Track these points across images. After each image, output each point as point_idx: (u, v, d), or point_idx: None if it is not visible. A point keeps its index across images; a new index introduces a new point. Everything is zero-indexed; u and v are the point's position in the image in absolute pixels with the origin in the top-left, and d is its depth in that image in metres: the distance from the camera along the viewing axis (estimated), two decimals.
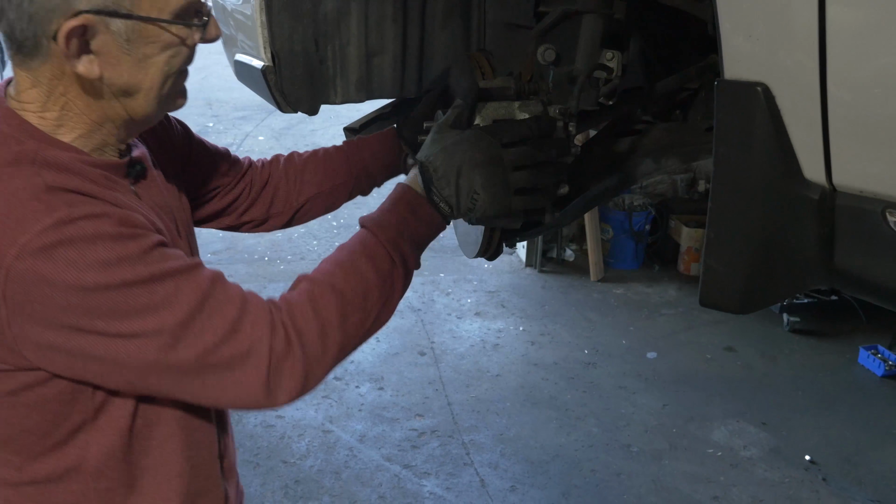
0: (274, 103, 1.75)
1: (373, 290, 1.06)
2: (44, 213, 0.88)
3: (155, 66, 0.98)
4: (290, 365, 0.98)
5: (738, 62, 0.84)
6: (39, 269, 0.87)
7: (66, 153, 0.97)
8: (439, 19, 1.80)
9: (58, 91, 0.97)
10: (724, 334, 4.22)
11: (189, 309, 0.93)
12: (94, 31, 0.92)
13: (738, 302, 0.90)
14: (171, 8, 0.96)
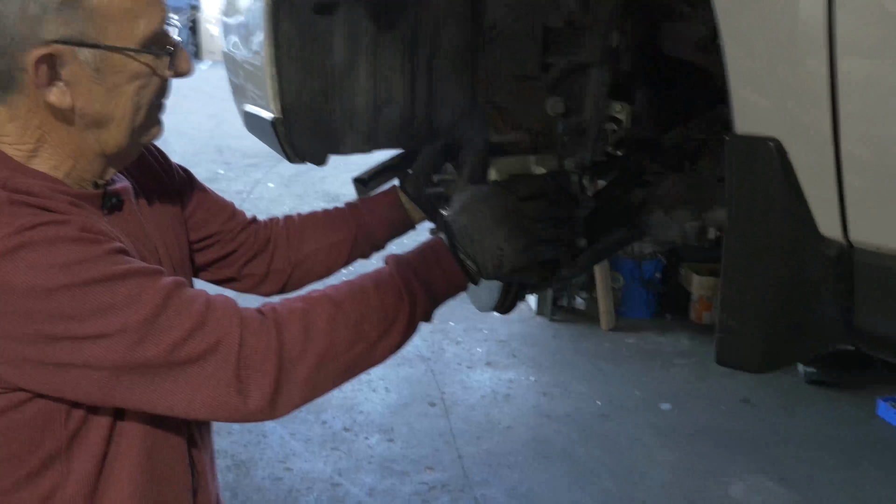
0: (283, 154, 1.76)
1: (372, 316, 1.03)
2: (4, 223, 0.89)
3: (125, 96, 0.99)
4: (263, 359, 0.96)
5: (749, 116, 0.83)
6: (2, 275, 0.87)
7: (38, 181, 0.98)
8: (447, 71, 1.81)
9: (33, 124, 0.99)
10: (740, 386, 4.14)
11: (153, 306, 0.93)
12: (63, 60, 0.94)
13: (756, 361, 0.87)
14: (138, 38, 0.97)
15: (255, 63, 1.76)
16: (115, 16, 0.95)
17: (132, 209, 1.13)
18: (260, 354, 0.96)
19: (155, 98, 1.04)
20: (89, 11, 0.93)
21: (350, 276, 1.11)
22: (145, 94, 1.01)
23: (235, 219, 1.40)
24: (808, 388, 4.14)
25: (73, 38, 0.93)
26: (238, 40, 1.95)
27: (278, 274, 1.43)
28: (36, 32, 0.92)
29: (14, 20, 0.91)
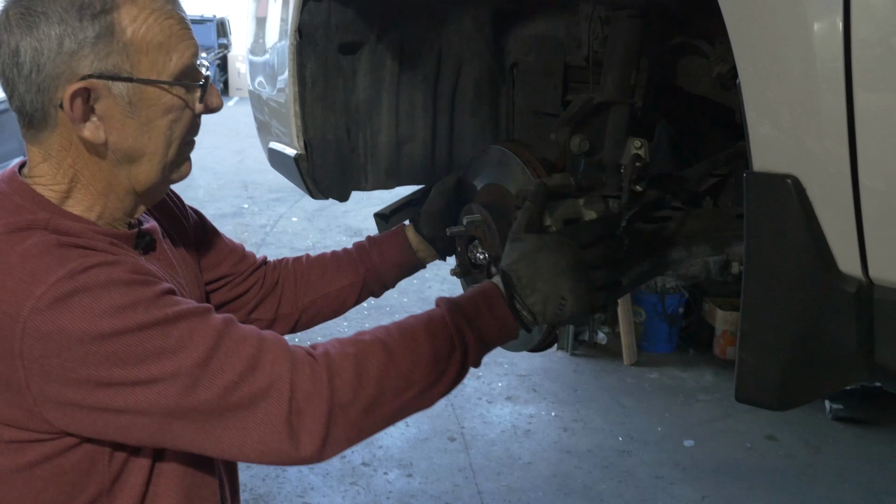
0: (306, 190, 1.79)
1: (423, 364, 1.02)
2: (57, 266, 0.89)
3: (158, 130, 1.00)
4: (315, 404, 0.95)
5: (767, 153, 0.84)
6: (56, 320, 0.87)
7: (76, 223, 0.99)
8: (468, 107, 1.84)
9: (66, 163, 0.99)
10: (765, 422, 4.08)
11: (205, 349, 0.92)
12: (98, 94, 0.95)
13: (776, 398, 0.87)
14: (170, 71, 0.98)
15: (280, 101, 1.80)
16: (148, 50, 0.96)
17: (163, 248, 1.14)
18: (312, 401, 0.95)
19: (186, 133, 1.05)
20: (123, 45, 0.95)
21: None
22: (177, 129, 1.02)
23: (246, 261, 1.40)
24: (835, 425, 4.07)
25: (107, 72, 0.94)
26: (264, 78, 1.99)
27: (285, 319, 1.43)
28: (72, 67, 0.93)
29: (50, 56, 0.93)
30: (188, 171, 1.09)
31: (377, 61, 1.69)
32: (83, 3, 0.93)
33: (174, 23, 0.99)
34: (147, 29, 0.96)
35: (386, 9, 1.63)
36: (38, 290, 0.88)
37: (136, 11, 0.95)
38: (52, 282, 0.88)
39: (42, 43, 0.92)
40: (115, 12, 0.94)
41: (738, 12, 0.83)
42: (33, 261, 0.90)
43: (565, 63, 1.63)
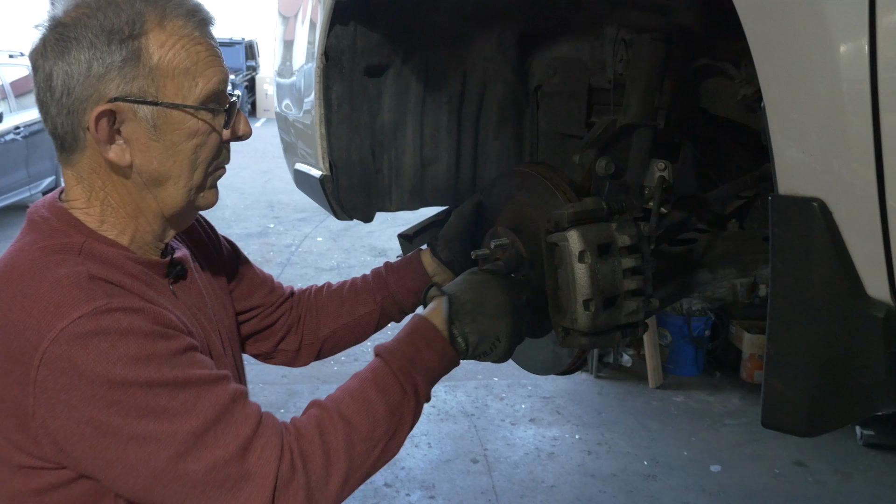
0: (330, 211, 1.80)
1: (381, 421, 1.06)
2: (84, 301, 0.90)
3: (183, 154, 1.01)
4: (294, 492, 0.97)
5: (792, 176, 0.83)
6: (73, 357, 0.88)
7: (111, 248, 1.01)
8: (493, 129, 1.85)
9: (97, 185, 1.01)
10: (794, 447, 4.00)
11: (205, 420, 0.93)
12: (124, 117, 0.97)
13: (804, 424, 0.86)
14: (196, 96, 0.99)
15: (306, 122, 1.82)
16: (174, 74, 0.97)
17: (193, 278, 1.16)
18: (292, 489, 0.97)
19: (212, 158, 1.05)
20: (149, 69, 0.96)
21: None
22: (202, 153, 1.03)
23: (276, 292, 1.43)
24: (866, 451, 3.98)
25: (132, 96, 0.96)
26: (290, 100, 2.02)
27: (309, 349, 1.46)
28: (99, 90, 0.95)
29: (80, 79, 0.95)
30: (214, 199, 1.09)
31: (402, 84, 1.71)
32: (113, 28, 0.95)
33: (202, 49, 1.00)
34: (174, 54, 0.97)
35: (411, 32, 1.65)
36: (60, 324, 0.89)
37: (165, 37, 0.97)
38: (75, 318, 0.89)
39: (72, 67, 0.95)
40: (143, 38, 0.96)
41: (762, 35, 0.83)
42: (61, 292, 0.91)
43: (589, 85, 1.64)
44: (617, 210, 1.26)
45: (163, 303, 1.02)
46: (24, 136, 8.06)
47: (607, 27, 1.52)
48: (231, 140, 1.08)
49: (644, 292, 1.25)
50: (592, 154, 1.38)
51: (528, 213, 1.40)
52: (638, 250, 1.25)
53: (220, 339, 1.18)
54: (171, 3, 0.98)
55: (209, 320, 1.15)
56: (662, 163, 1.39)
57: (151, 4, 0.97)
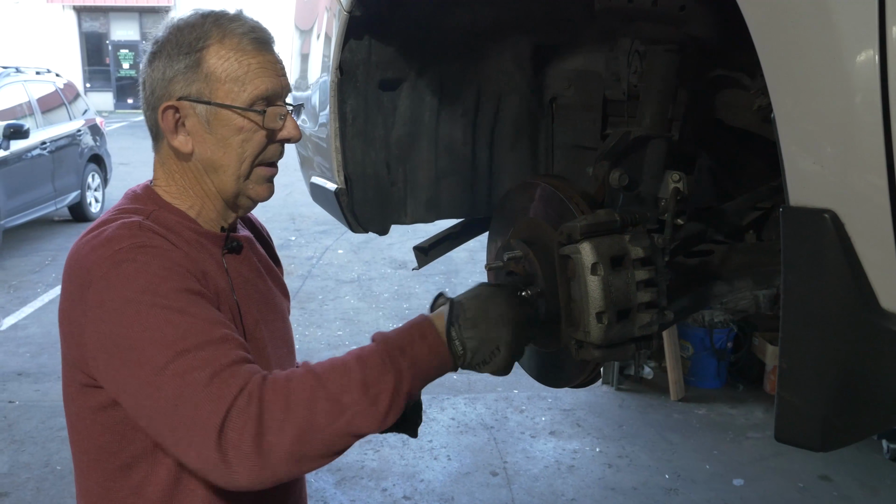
0: (346, 223, 1.81)
1: (353, 388, 1.05)
2: (127, 238, 1.12)
3: (231, 147, 1.20)
4: (244, 420, 1.00)
5: (804, 188, 0.82)
6: (108, 277, 1.08)
7: (176, 217, 1.22)
8: (508, 142, 1.85)
9: (173, 168, 1.24)
10: (819, 462, 3.94)
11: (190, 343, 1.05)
12: (186, 113, 1.19)
13: (818, 438, 0.84)
14: (243, 99, 1.19)
15: (321, 136, 1.83)
16: (224, 80, 1.18)
17: (249, 256, 1.32)
18: (242, 417, 1.01)
19: (258, 152, 1.21)
20: (205, 75, 1.17)
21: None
22: (248, 148, 1.20)
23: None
24: (892, 466, 3.91)
25: (191, 96, 1.18)
26: (306, 114, 2.03)
27: None
28: (169, 91, 1.19)
29: (158, 82, 1.19)
30: (266, 193, 1.26)
31: (417, 97, 1.72)
32: (184, 43, 1.18)
33: (252, 62, 1.19)
34: (227, 65, 1.18)
35: (425, 46, 1.66)
36: (107, 253, 1.10)
37: (223, 52, 1.18)
38: (117, 248, 1.10)
39: (155, 73, 1.20)
40: (204, 51, 1.18)
41: (772, 46, 0.83)
42: (115, 234, 1.12)
43: (604, 97, 1.64)
44: (630, 222, 1.25)
45: (205, 264, 1.19)
46: (51, 151, 8.19)
47: (621, 39, 1.52)
48: (279, 140, 1.23)
49: (658, 304, 1.24)
50: (606, 166, 1.37)
51: (541, 226, 1.39)
52: (652, 262, 1.24)
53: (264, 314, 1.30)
54: (233, 25, 1.19)
55: (256, 292, 1.30)
56: (677, 174, 1.38)
57: (217, 26, 1.19)
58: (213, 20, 1.20)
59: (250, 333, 1.25)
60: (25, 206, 7.80)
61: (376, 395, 1.06)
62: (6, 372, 4.95)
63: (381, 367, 1.08)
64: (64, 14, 23.87)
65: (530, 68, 1.75)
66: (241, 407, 1.00)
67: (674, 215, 1.33)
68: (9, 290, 6.61)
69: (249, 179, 1.23)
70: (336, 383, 1.05)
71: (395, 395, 1.07)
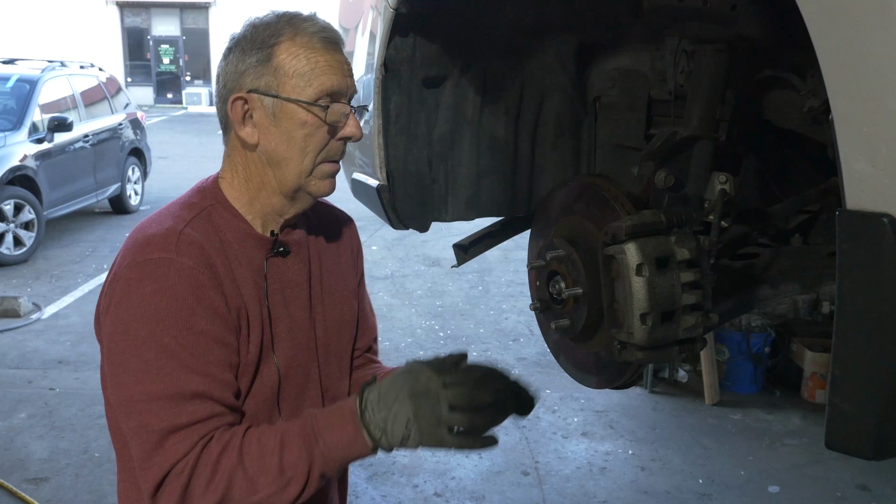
0: (387, 220, 1.81)
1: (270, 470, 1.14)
2: (157, 248, 1.16)
3: (294, 140, 1.22)
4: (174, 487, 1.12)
5: (861, 191, 0.81)
6: (129, 285, 1.15)
7: (230, 216, 1.26)
8: (550, 140, 1.84)
9: (237, 160, 1.27)
10: (857, 470, 3.87)
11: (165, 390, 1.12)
12: (253, 105, 1.22)
13: (870, 447, 0.83)
14: (309, 94, 1.21)
15: (364, 132, 1.84)
16: (292, 76, 1.20)
17: (297, 260, 1.33)
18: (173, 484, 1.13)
19: (320, 147, 1.23)
20: (274, 69, 1.20)
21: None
22: (311, 142, 1.22)
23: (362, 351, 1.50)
24: None
25: (260, 89, 1.21)
26: None
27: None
28: (239, 83, 1.22)
29: (231, 75, 1.23)
30: (327, 189, 1.28)
31: (460, 95, 1.72)
32: (257, 39, 1.22)
33: (321, 59, 1.21)
34: (296, 61, 1.20)
35: (470, 43, 1.66)
36: (136, 257, 1.16)
37: (294, 49, 1.21)
38: (144, 256, 1.16)
39: (229, 66, 1.24)
40: (276, 47, 1.21)
41: (831, 46, 0.81)
42: (155, 237, 1.18)
43: (649, 97, 1.62)
44: (676, 223, 1.24)
45: (238, 271, 1.23)
46: (93, 144, 8.34)
47: (668, 38, 1.50)
48: (341, 138, 1.25)
49: (703, 307, 1.23)
50: (652, 166, 1.36)
51: (585, 225, 1.39)
52: (697, 264, 1.22)
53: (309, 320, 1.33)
54: (306, 24, 1.22)
55: (296, 298, 1.31)
56: (724, 176, 1.37)
57: (289, 24, 1.22)
58: (287, 19, 1.23)
59: (279, 339, 1.27)
60: (67, 198, 7.96)
61: (288, 481, 1.14)
62: (47, 360, 5.06)
63: (298, 453, 1.15)
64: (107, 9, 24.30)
65: (574, 67, 1.74)
66: (176, 472, 1.12)
67: (720, 217, 1.32)
68: (50, 279, 6.75)
69: (312, 175, 1.25)
70: (255, 464, 1.14)
71: (307, 481, 1.15)
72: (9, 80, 7.88)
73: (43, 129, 7.61)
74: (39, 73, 8.09)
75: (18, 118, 7.47)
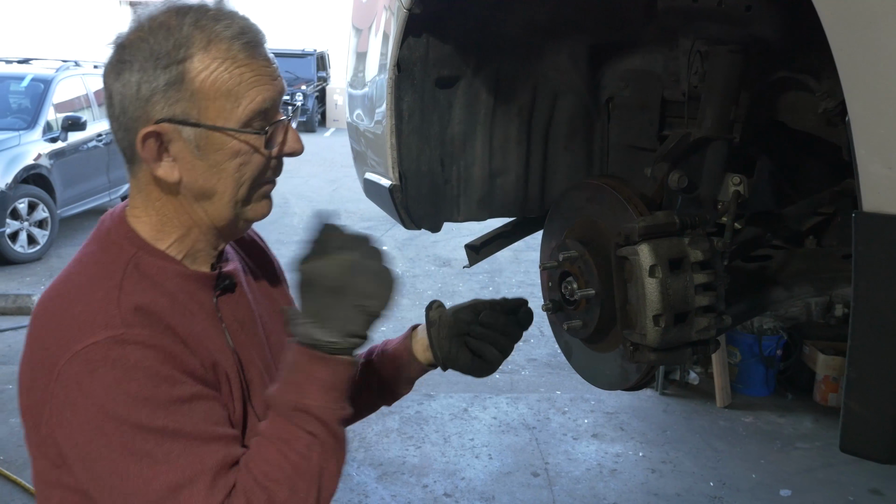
0: (399, 220, 1.82)
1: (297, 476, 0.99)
2: (102, 327, 0.95)
3: (226, 172, 1.04)
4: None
5: (877, 193, 0.80)
6: (81, 380, 0.94)
7: (160, 261, 1.06)
8: (562, 141, 1.84)
9: (153, 196, 1.06)
10: (869, 474, 3.84)
11: (183, 476, 0.94)
12: (169, 137, 1.01)
13: (887, 450, 0.82)
14: (238, 117, 1.02)
15: (377, 132, 1.85)
16: (215, 97, 1.00)
17: (243, 292, 1.17)
18: None
19: (258, 175, 1.06)
20: (191, 92, 1.00)
21: None
22: (247, 171, 1.05)
23: None
24: None
25: (176, 117, 1.00)
26: (362, 111, 2.05)
27: None
28: (147, 112, 1.00)
29: (131, 100, 1.01)
30: (265, 211, 1.11)
31: (473, 95, 1.72)
32: (160, 52, 0.99)
33: (246, 70, 1.01)
34: (216, 77, 1.00)
35: (483, 44, 1.66)
36: (77, 346, 0.95)
37: (208, 61, 1.00)
38: (90, 343, 0.94)
39: (126, 88, 1.01)
40: (187, 62, 0.99)
41: (848, 48, 0.81)
42: (89, 314, 0.97)
43: (662, 98, 1.62)
44: (689, 224, 1.24)
45: (196, 324, 1.04)
46: (106, 144, 8.40)
47: (682, 39, 1.49)
48: (280, 156, 1.09)
49: (716, 309, 1.22)
50: (665, 167, 1.36)
51: (597, 226, 1.39)
52: (711, 266, 1.22)
53: (268, 354, 1.17)
54: (219, 27, 1.01)
55: (255, 335, 1.16)
56: (738, 177, 1.36)
57: (200, 29, 1.00)
58: (192, 21, 1.01)
59: (255, 385, 1.12)
60: (81, 197, 8.02)
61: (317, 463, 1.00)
62: None
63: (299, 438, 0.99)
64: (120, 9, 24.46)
65: (587, 67, 1.73)
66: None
67: (733, 219, 1.31)
68: None
69: (250, 202, 1.08)
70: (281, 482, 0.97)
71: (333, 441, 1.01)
72: (23, 79, 7.95)
73: (57, 129, 7.68)
74: (54, 72, 8.16)
75: (33, 117, 7.55)
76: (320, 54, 19.45)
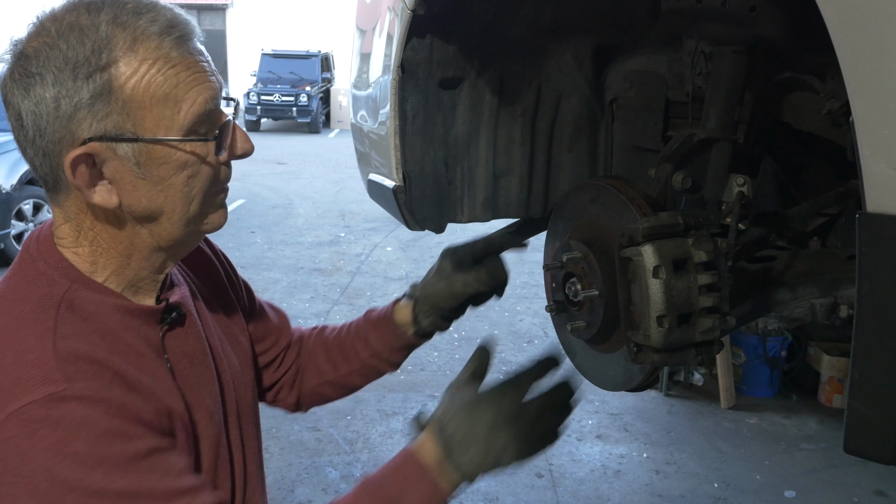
0: (403, 221, 1.82)
1: None
2: (39, 383, 0.83)
3: (174, 188, 0.92)
4: None
5: (882, 193, 0.80)
6: (20, 443, 0.81)
7: (97, 295, 0.93)
8: (566, 142, 1.84)
9: (85, 225, 0.93)
10: (874, 475, 3.84)
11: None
12: (103, 158, 0.88)
13: (891, 451, 0.82)
14: (180, 125, 0.89)
15: (381, 133, 1.85)
16: (151, 104, 0.87)
17: (193, 321, 1.06)
18: None
19: (209, 185, 0.95)
20: (123, 103, 0.86)
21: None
22: (196, 183, 0.93)
23: (283, 338, 1.35)
24: None
25: (108, 134, 0.86)
26: (366, 112, 2.05)
27: (292, 406, 1.40)
28: (71, 131, 0.86)
29: (49, 120, 0.86)
30: (221, 220, 1.01)
31: (477, 96, 1.72)
32: (77, 61, 0.85)
33: (181, 70, 0.89)
34: (148, 81, 0.87)
35: (487, 44, 1.66)
36: (11, 406, 0.82)
37: (137, 64, 0.86)
38: (27, 403, 0.82)
39: (39, 107, 0.86)
40: (111, 68, 0.86)
41: (852, 49, 0.81)
42: (21, 368, 0.85)
43: (667, 98, 1.62)
44: (693, 225, 1.24)
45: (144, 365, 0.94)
46: None
47: (686, 40, 1.49)
48: (230, 160, 0.98)
49: (720, 310, 1.22)
50: (669, 168, 1.36)
51: (601, 227, 1.39)
52: (715, 267, 1.22)
53: (222, 387, 1.09)
54: (143, 22, 0.87)
55: (206, 369, 1.06)
56: (742, 178, 1.36)
57: (120, 26, 0.86)
58: (109, 18, 0.86)
59: (203, 428, 1.02)
60: None
61: None
62: None
63: None
64: None
65: (591, 68, 1.74)
66: None
67: (737, 219, 1.31)
68: None
69: (203, 216, 0.97)
70: None
71: None
72: None
73: None
74: None
75: None
76: (325, 55, 19.47)
